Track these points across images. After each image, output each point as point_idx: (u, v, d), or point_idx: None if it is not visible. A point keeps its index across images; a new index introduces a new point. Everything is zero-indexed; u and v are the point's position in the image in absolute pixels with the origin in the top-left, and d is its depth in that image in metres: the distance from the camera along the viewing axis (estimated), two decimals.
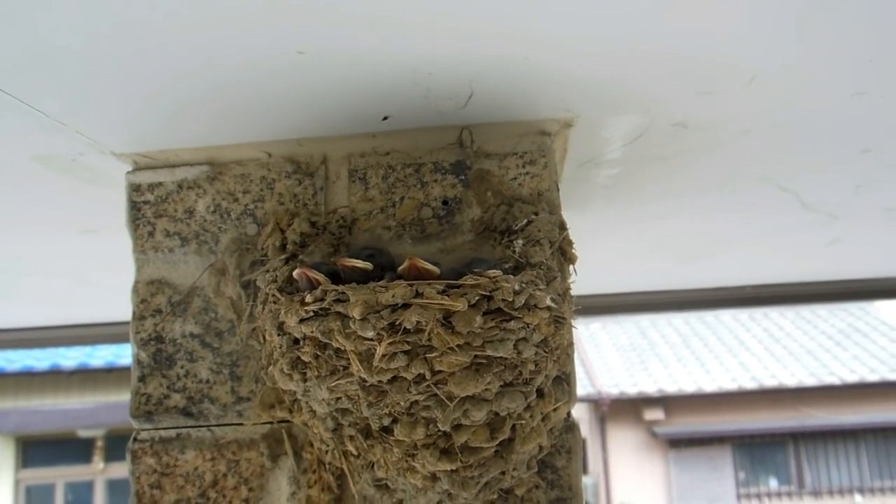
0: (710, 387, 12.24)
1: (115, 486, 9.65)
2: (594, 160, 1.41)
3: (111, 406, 9.08)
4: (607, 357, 13.76)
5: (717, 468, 12.60)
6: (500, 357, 0.96)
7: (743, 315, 14.66)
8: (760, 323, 14.60)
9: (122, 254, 1.30)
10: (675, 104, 1.17)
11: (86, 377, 9.20)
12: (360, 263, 0.98)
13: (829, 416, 12.33)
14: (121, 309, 1.38)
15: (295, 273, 1.00)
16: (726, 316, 14.62)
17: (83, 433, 9.44)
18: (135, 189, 1.24)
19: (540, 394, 1.05)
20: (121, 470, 9.56)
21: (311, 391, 1.03)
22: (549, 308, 1.00)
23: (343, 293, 0.95)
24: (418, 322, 0.92)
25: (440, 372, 0.95)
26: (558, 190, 1.20)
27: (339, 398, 1.01)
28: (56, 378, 9.18)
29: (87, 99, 1.04)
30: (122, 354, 8.97)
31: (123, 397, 8.94)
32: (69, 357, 9.01)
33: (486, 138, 1.20)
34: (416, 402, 0.97)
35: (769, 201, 1.74)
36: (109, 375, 9.17)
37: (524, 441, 1.03)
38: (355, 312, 0.92)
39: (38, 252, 1.92)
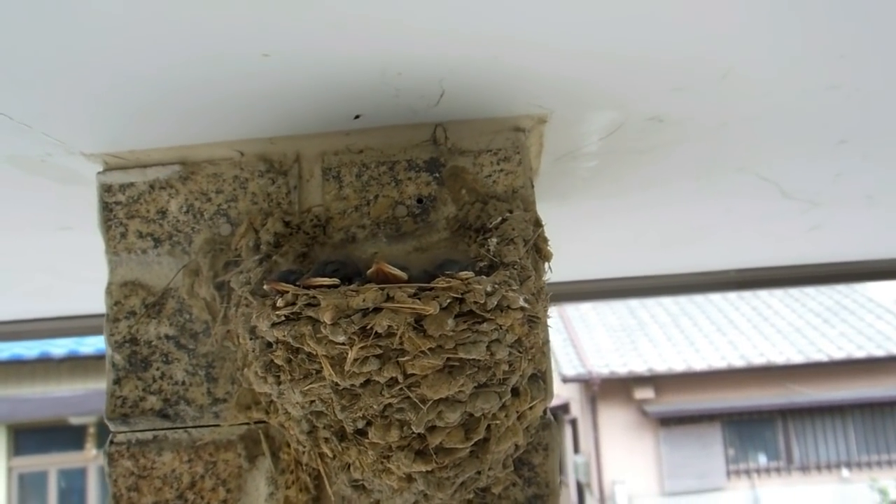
0: (699, 365, 12.35)
1: None
2: (571, 154, 1.40)
3: (102, 393, 9.00)
4: (597, 337, 13.84)
5: (707, 445, 12.75)
6: (473, 359, 0.96)
7: (731, 294, 14.74)
8: (749, 302, 14.70)
9: (99, 250, 1.29)
10: (650, 100, 1.16)
11: (76, 364, 9.18)
12: (326, 281, 0.97)
13: (816, 392, 12.47)
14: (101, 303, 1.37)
15: (265, 288, 1.00)
16: (715, 295, 14.70)
17: (75, 420, 9.44)
18: (106, 190, 1.23)
19: (515, 393, 1.05)
20: None
21: (285, 394, 1.03)
22: (522, 308, 0.99)
23: (314, 297, 0.95)
24: (389, 326, 0.92)
25: (413, 375, 0.95)
26: (533, 187, 1.19)
27: (312, 401, 1.01)
28: (46, 366, 9.15)
29: (51, 100, 1.02)
30: None
31: None
32: (59, 345, 8.98)
33: (460, 135, 1.19)
34: (390, 405, 0.97)
35: (749, 190, 1.74)
36: (99, 362, 9.13)
37: (500, 441, 1.04)
38: (326, 317, 0.92)
39: (16, 248, 1.90)
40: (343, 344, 0.93)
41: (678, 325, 14.01)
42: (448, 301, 0.94)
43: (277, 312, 0.97)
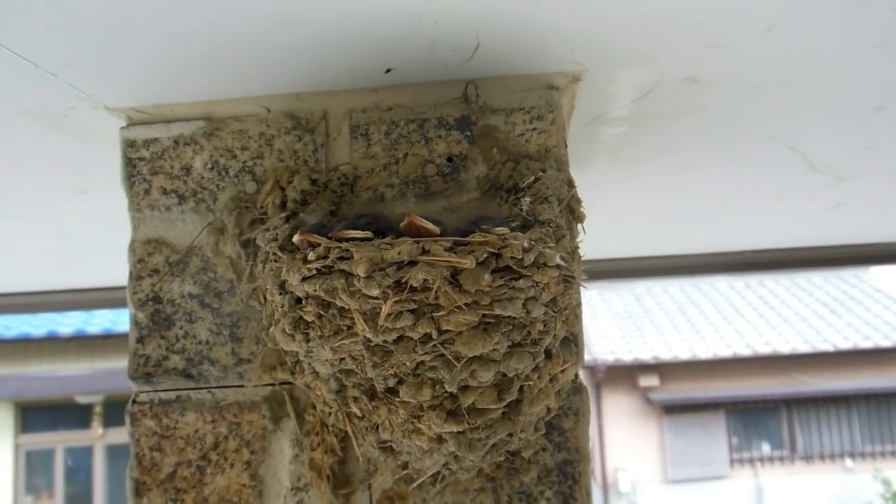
0: (704, 353, 12.32)
1: (114, 452, 9.71)
2: (601, 118, 1.37)
3: (109, 372, 9.09)
4: (603, 324, 13.81)
5: (711, 433, 12.74)
6: (509, 316, 0.94)
7: (738, 282, 14.71)
8: (755, 290, 14.65)
9: (118, 215, 1.26)
10: (688, 58, 1.13)
11: (83, 343, 9.21)
12: (358, 234, 0.95)
13: (821, 382, 12.44)
14: (117, 273, 1.35)
15: (295, 238, 0.97)
16: (721, 283, 14.67)
17: (81, 399, 9.47)
18: (129, 145, 1.21)
19: (548, 355, 1.03)
20: (120, 435, 9.61)
21: (313, 352, 1.01)
22: (558, 266, 0.97)
23: (347, 250, 0.92)
24: (425, 280, 0.90)
25: (447, 331, 0.92)
26: (566, 146, 1.17)
27: (342, 359, 0.98)
28: (53, 344, 9.17)
29: (80, 50, 1.00)
30: (119, 321, 8.96)
31: (121, 364, 8.94)
32: (66, 324, 9.00)
33: (492, 93, 1.17)
34: (423, 362, 0.94)
35: (776, 161, 1.71)
36: (107, 342, 9.17)
37: (532, 403, 1.01)
38: (360, 270, 0.90)
39: (33, 214, 1.88)
40: (377, 298, 0.91)
41: (684, 312, 13.97)
42: (485, 256, 0.92)
43: (309, 266, 0.94)
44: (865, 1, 0.98)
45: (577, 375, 1.12)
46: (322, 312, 0.96)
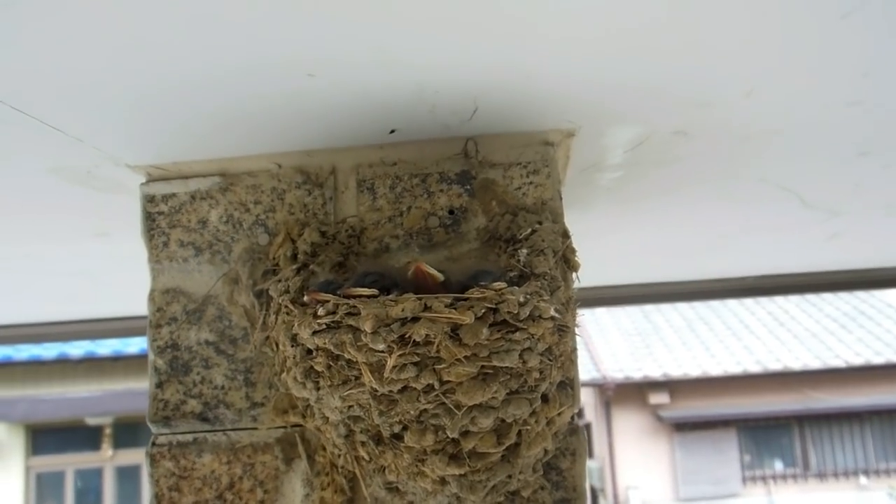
0: (714, 370, 12.30)
1: (124, 473, 9.77)
2: (596, 165, 1.44)
3: (118, 394, 9.17)
4: (612, 342, 13.81)
5: (723, 451, 12.69)
6: (506, 367, 1.00)
7: (747, 299, 14.68)
8: (765, 307, 14.63)
9: (134, 254, 1.33)
10: (675, 115, 1.19)
11: (92, 366, 9.28)
12: (365, 291, 1.01)
13: (833, 398, 12.39)
14: (127, 304, 1.42)
15: (305, 298, 1.04)
16: (730, 300, 14.64)
17: (91, 421, 9.54)
18: (149, 200, 1.28)
19: (545, 399, 1.09)
20: (129, 457, 9.68)
21: (323, 399, 1.07)
22: (553, 318, 1.03)
23: (354, 307, 0.99)
24: (427, 335, 0.96)
25: (448, 382, 0.98)
26: (561, 199, 1.23)
27: (350, 406, 1.05)
28: (63, 367, 9.26)
29: (105, 118, 1.07)
30: (129, 343, 9.04)
31: (130, 385, 9.04)
32: (76, 346, 9.08)
33: (491, 149, 1.23)
34: (426, 410, 1.00)
35: (770, 200, 1.77)
36: (116, 364, 9.26)
37: (530, 445, 1.07)
38: (367, 326, 0.96)
39: (53, 254, 1.95)
40: (382, 352, 0.97)
41: (694, 329, 13.97)
42: (483, 311, 0.98)
43: (318, 321, 1.01)
44: (838, 67, 1.04)
45: (573, 417, 1.17)
46: (331, 364, 1.03)
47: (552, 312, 1.03)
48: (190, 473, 1.22)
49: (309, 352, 1.06)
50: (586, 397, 13.43)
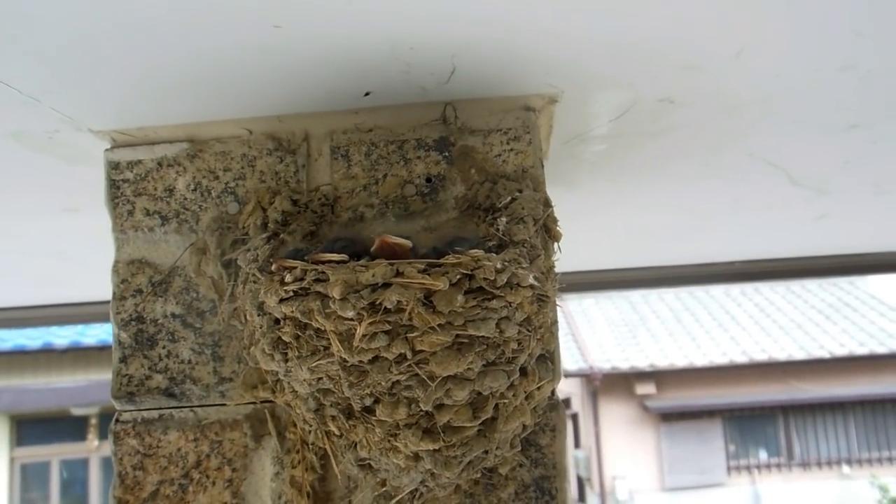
0: (700, 361, 12.35)
1: (110, 464, 9.63)
2: (580, 136, 1.39)
3: (104, 384, 9.02)
4: (599, 332, 13.83)
5: (708, 441, 12.75)
6: (483, 336, 0.95)
7: (734, 290, 14.75)
8: (751, 298, 14.69)
9: (106, 232, 1.28)
10: (661, 80, 1.15)
11: (78, 355, 9.19)
12: (335, 257, 0.97)
13: (818, 389, 12.47)
14: (108, 288, 1.37)
15: (273, 266, 0.99)
16: (717, 291, 14.71)
17: (77, 411, 9.45)
18: (113, 167, 1.22)
19: (523, 372, 1.04)
20: None
21: (292, 371, 1.03)
22: (531, 286, 0.99)
23: (323, 273, 0.94)
24: (399, 301, 0.91)
25: (421, 352, 0.94)
26: (543, 167, 1.19)
27: (320, 378, 1.00)
28: (48, 356, 9.16)
29: (62, 74, 1.02)
30: None
31: None
32: (61, 336, 8.99)
33: (470, 114, 1.19)
34: (398, 382, 0.96)
35: (757, 176, 1.73)
36: (102, 353, 9.16)
37: (507, 420, 1.03)
38: (335, 292, 0.91)
39: (22, 230, 1.89)
40: (352, 319, 0.93)
41: (680, 320, 14.00)
42: (458, 277, 0.93)
43: (286, 288, 0.96)
44: (830, 26, 1.00)
45: (553, 392, 1.13)
46: (299, 333, 0.98)
47: (531, 280, 0.98)
48: (155, 451, 1.17)
49: (276, 321, 1.01)
50: (573, 387, 13.46)
